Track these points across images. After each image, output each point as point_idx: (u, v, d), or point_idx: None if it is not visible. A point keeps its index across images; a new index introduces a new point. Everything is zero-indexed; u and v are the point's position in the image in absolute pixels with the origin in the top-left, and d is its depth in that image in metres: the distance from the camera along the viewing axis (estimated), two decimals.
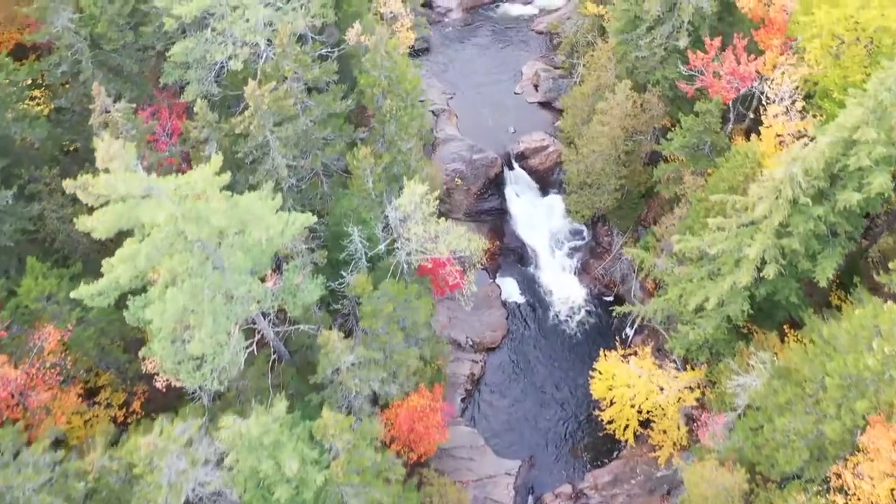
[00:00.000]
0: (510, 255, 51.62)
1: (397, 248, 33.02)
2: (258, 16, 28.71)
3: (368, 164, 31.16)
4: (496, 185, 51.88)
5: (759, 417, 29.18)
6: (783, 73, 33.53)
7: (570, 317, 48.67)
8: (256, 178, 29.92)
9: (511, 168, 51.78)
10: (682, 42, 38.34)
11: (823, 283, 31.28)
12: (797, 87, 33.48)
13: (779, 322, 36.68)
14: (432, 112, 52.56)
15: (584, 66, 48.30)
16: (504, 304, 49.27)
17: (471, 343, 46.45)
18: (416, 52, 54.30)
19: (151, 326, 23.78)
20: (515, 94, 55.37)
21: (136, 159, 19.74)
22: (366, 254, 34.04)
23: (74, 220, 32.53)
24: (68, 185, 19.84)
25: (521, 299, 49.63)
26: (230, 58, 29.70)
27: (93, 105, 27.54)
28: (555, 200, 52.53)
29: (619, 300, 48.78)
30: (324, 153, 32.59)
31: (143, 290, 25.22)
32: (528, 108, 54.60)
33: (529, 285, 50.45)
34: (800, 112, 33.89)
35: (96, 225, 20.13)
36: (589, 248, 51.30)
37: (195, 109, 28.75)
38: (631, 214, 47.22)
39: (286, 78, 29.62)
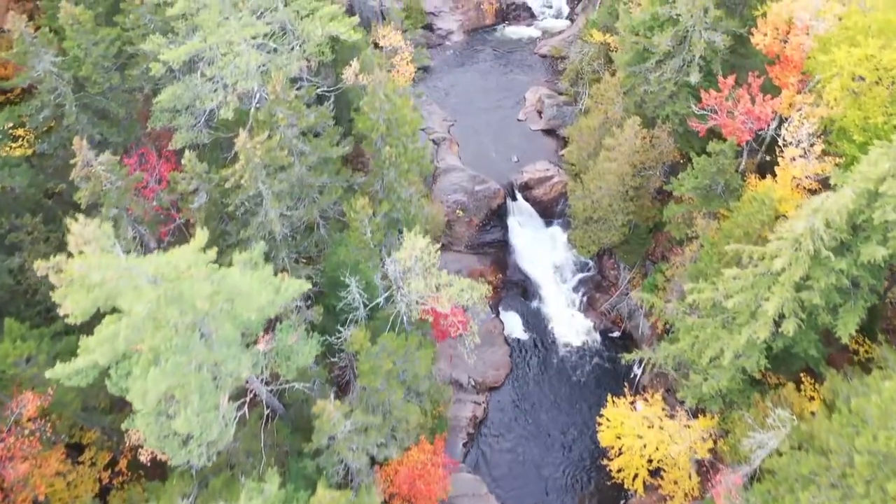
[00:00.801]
0: (513, 288, 50.06)
1: (397, 299, 31.43)
2: (250, 62, 27.12)
3: (366, 215, 29.59)
4: (498, 215, 50.35)
5: (781, 488, 27.56)
6: (801, 115, 31.98)
7: (576, 354, 47.08)
8: (248, 231, 28.32)
9: (514, 199, 50.25)
10: (694, 78, 36.82)
11: (846, 340, 29.72)
12: (816, 131, 31.93)
13: (795, 370, 35.19)
14: (433, 141, 51.06)
15: (589, 96, 46.75)
16: (507, 340, 47.69)
17: (473, 383, 44.86)
18: (416, 78, 52.84)
19: (134, 403, 22.15)
20: (518, 120, 53.84)
21: (113, 239, 18.16)
22: (364, 304, 32.50)
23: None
24: (40, 266, 18.27)
25: (524, 335, 48.04)
26: (220, 106, 28.11)
27: (73, 159, 25.94)
28: (558, 231, 51.10)
29: (627, 336, 47.39)
30: (320, 200, 31.01)
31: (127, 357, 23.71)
32: (532, 135, 53.08)
33: (533, 320, 48.87)
34: (818, 157, 32.33)
35: (71, 309, 18.53)
36: (594, 281, 49.75)
37: (183, 161, 27.16)
38: (639, 250, 45.66)
39: (279, 126, 28.02)
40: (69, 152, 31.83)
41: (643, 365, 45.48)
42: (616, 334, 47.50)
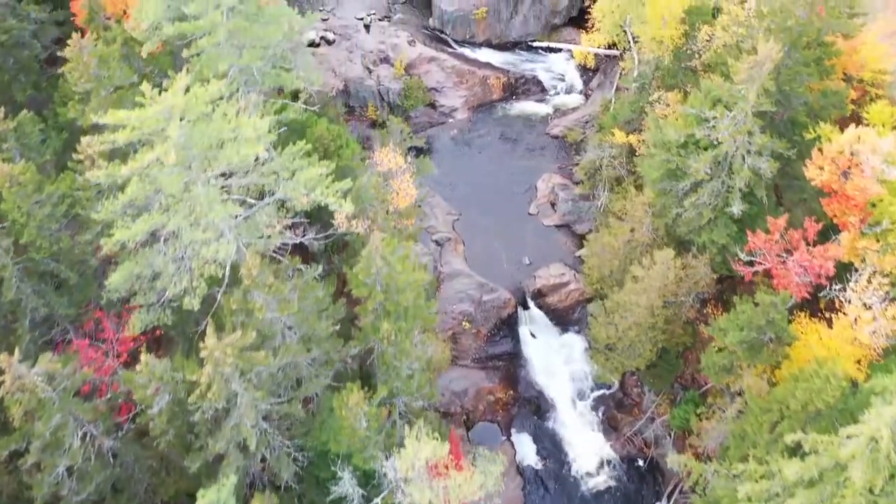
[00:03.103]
0: (526, 405, 45.20)
1: (397, 497, 26.73)
2: (220, 251, 22.45)
3: (361, 410, 24.89)
4: (509, 325, 45.65)
5: None
6: (870, 273, 27.36)
7: (597, 486, 42.24)
8: (219, 441, 23.55)
9: (526, 308, 45.55)
10: (736, 209, 32.22)
11: None
12: (889, 294, 27.30)
13: None
14: (436, 242, 46.42)
15: (609, 200, 42.26)
16: (519, 468, 42.84)
17: None
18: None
19: None
20: (530, 214, 49.14)
21: None
22: (363, 496, 27.80)
23: None
24: None
25: (538, 463, 43.20)
26: (186, 292, 23.43)
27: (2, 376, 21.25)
28: (576, 340, 46.31)
29: (653, 466, 42.61)
30: (307, 386, 26.34)
31: None
32: (544, 231, 48.36)
33: (548, 444, 44.03)
34: (892, 319, 27.66)
35: None
36: (615, 398, 44.93)
37: (139, 367, 22.49)
38: (667, 375, 40.93)
39: (255, 314, 23.35)
40: (11, 323, 27.33)
41: (672, 499, 41.02)
42: (641, 463, 42.71)
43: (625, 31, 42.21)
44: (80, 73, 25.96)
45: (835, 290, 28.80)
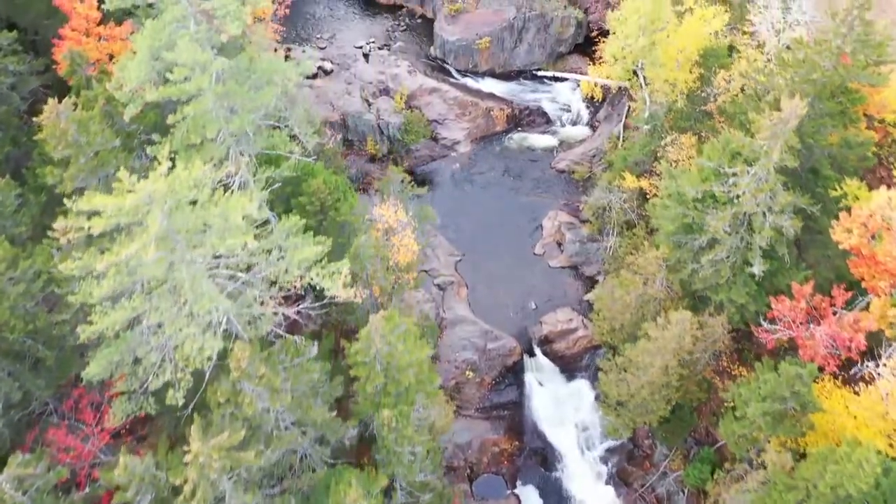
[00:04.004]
0: (532, 456, 43.36)
1: None
2: (205, 348, 20.65)
3: None
4: (514, 372, 43.85)
5: None
6: None
7: None
8: None
9: (532, 355, 43.75)
10: (757, 269, 30.43)
11: None
12: None
13: None
14: (438, 286, 44.62)
15: (618, 240, 40.50)
16: None
17: None
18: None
19: None
20: (535, 254, 47.33)
21: None
22: None
23: None
24: None
25: None
26: (169, 386, 21.61)
27: None
28: (584, 387, 44.48)
29: None
30: (303, 476, 24.51)
31: None
32: (551, 273, 46.53)
33: (555, 497, 42.22)
34: None
35: None
36: (625, 450, 43.09)
37: (117, 471, 20.64)
38: (681, 430, 39.10)
39: (244, 408, 21.52)
40: None
41: None
42: None
43: (636, 74, 40.41)
44: (57, 139, 24.13)
45: (867, 366, 26.95)
